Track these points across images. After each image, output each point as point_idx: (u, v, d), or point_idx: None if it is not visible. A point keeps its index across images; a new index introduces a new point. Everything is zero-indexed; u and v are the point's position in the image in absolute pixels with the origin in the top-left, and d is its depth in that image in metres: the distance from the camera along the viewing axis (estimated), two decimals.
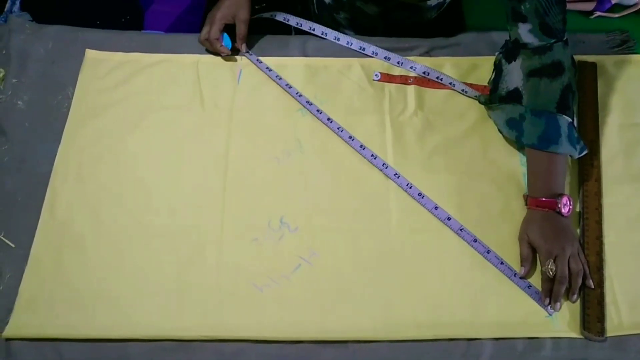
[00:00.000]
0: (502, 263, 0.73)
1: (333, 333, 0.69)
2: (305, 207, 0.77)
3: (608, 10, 0.98)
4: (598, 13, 0.98)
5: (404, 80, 0.87)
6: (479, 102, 0.84)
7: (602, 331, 0.69)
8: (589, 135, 0.83)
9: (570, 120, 0.75)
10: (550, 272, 0.70)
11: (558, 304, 0.70)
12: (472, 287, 0.72)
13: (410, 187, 0.78)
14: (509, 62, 0.79)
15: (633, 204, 0.79)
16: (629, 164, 0.82)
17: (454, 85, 0.86)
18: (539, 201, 0.73)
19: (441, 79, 0.87)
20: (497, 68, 0.82)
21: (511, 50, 0.79)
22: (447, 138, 0.83)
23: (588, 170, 0.80)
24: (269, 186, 0.78)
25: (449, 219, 0.76)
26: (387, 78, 0.88)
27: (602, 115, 0.86)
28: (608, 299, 0.71)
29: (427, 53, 0.91)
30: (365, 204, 0.77)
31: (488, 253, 0.74)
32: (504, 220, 0.76)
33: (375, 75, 0.88)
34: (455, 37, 0.93)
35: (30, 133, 0.82)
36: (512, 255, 0.74)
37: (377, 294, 0.71)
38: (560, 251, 0.71)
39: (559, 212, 0.72)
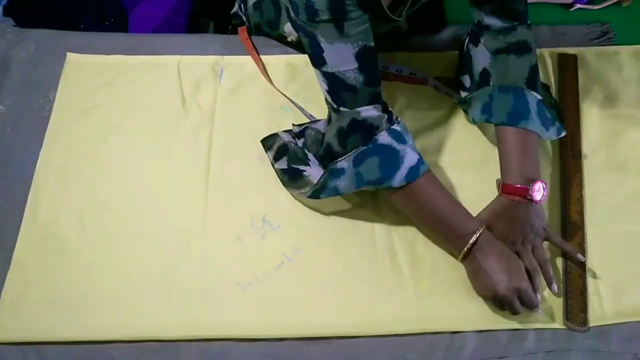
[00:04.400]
0: None
1: (317, 329, 0.69)
2: (288, 205, 0.77)
3: (588, 2, 0.98)
4: (578, 5, 0.98)
5: (385, 77, 0.87)
6: (455, 103, 0.84)
7: (585, 321, 0.69)
8: (571, 126, 0.84)
9: (539, 97, 0.73)
10: None
11: (538, 294, 0.69)
12: (455, 280, 0.72)
13: None
14: (475, 45, 0.78)
15: (615, 194, 0.79)
16: (611, 154, 0.83)
17: (427, 80, 0.86)
18: (510, 188, 0.70)
19: (414, 74, 0.87)
20: (465, 55, 0.80)
21: (475, 33, 0.78)
22: (432, 134, 0.83)
23: (569, 162, 0.81)
24: (252, 185, 0.78)
25: None
26: None
27: (583, 107, 0.86)
28: (590, 290, 0.72)
29: (408, 49, 0.91)
30: (347, 199, 0.77)
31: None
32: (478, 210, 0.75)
33: None
34: (436, 32, 0.93)
35: (12, 137, 0.82)
36: None
37: (361, 289, 0.71)
38: (520, 246, 0.70)
39: (530, 199, 0.69)
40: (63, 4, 1.18)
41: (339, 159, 0.68)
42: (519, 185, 0.70)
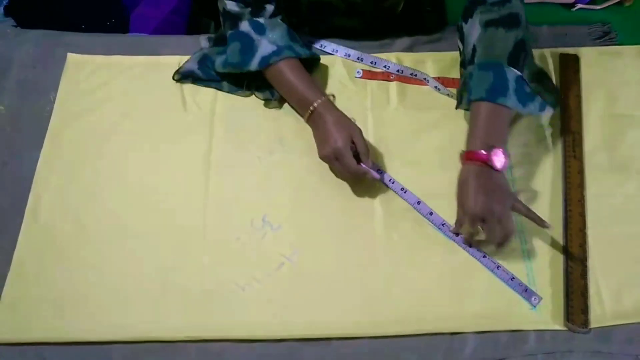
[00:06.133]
0: (484, 256, 0.73)
1: (317, 330, 0.69)
2: (288, 205, 0.77)
3: (590, 2, 0.98)
4: (580, 5, 0.98)
5: (385, 76, 0.87)
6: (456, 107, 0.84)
7: (586, 322, 0.69)
8: (573, 127, 0.84)
9: (519, 74, 0.73)
10: (476, 235, 0.72)
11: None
12: (454, 281, 0.72)
13: (393, 182, 0.78)
14: (467, 21, 0.78)
15: (616, 195, 0.79)
16: (613, 155, 0.82)
17: (427, 81, 0.86)
18: (471, 154, 0.70)
19: (415, 75, 0.87)
20: (460, 35, 0.81)
21: (468, 9, 0.79)
22: (432, 134, 0.83)
23: (571, 162, 0.80)
24: (251, 185, 0.78)
25: (431, 213, 0.76)
26: (369, 75, 0.88)
27: (585, 107, 0.86)
28: (592, 290, 0.71)
29: (409, 49, 0.91)
30: (347, 200, 0.77)
31: (470, 246, 0.74)
32: None
33: (357, 72, 0.88)
34: (437, 32, 0.93)
35: (12, 137, 0.82)
36: None
37: (360, 290, 0.71)
38: (488, 214, 0.69)
39: (492, 167, 0.69)
40: (64, 4, 1.18)
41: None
42: (479, 151, 0.70)
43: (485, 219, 0.69)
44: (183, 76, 0.85)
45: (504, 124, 0.73)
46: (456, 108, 0.82)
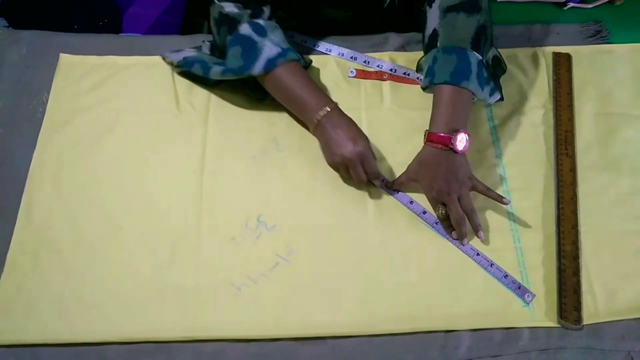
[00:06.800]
0: (477, 254, 0.73)
1: (312, 329, 0.69)
2: (282, 205, 0.77)
3: (581, 1, 0.99)
4: (571, 4, 0.99)
5: (379, 76, 0.87)
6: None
7: (578, 320, 0.69)
8: (565, 125, 0.84)
9: (480, 58, 0.74)
10: (442, 215, 0.74)
11: (465, 240, 0.74)
12: (448, 280, 0.72)
13: (386, 183, 0.78)
14: (431, 6, 0.79)
15: (608, 192, 0.79)
16: (605, 153, 0.83)
17: (421, 80, 0.86)
18: (434, 136, 0.72)
19: (408, 75, 0.87)
20: (422, 20, 0.81)
21: None
22: (423, 133, 0.83)
23: (563, 160, 0.81)
24: (246, 185, 0.78)
25: (424, 212, 0.76)
26: (363, 74, 0.88)
27: (577, 105, 0.86)
28: (584, 288, 0.72)
29: (402, 48, 0.91)
30: (341, 200, 0.77)
31: (463, 245, 0.74)
32: (479, 212, 0.76)
33: (351, 71, 0.88)
34: None
35: (5, 139, 0.82)
36: (487, 246, 0.74)
37: (355, 289, 0.71)
38: (446, 197, 0.72)
39: (453, 149, 0.71)
40: (56, 4, 1.18)
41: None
42: (442, 134, 0.72)
43: (446, 202, 0.73)
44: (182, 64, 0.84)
45: (467, 107, 0.75)
46: (424, 90, 0.81)
